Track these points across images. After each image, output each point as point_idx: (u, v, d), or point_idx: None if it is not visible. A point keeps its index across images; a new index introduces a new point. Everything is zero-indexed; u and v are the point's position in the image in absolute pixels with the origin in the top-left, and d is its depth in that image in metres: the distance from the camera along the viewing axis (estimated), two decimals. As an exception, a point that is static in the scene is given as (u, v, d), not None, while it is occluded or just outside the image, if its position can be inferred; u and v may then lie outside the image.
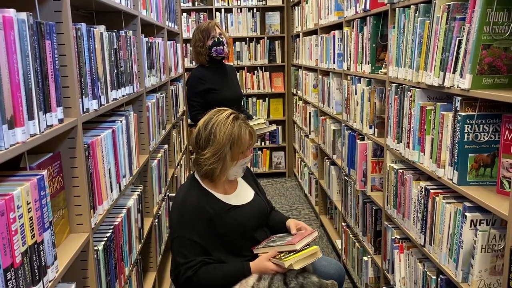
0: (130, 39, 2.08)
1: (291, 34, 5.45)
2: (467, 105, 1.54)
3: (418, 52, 1.82)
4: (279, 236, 1.94)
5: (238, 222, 1.84)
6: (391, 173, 2.19)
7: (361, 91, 2.66)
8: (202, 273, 1.73)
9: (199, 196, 1.83)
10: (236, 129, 1.81)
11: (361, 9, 2.59)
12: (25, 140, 1.01)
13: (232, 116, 1.84)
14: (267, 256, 1.77)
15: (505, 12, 1.41)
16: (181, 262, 1.75)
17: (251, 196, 1.98)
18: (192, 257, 1.74)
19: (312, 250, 1.76)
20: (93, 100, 1.52)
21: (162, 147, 3.05)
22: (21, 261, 0.97)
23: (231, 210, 1.85)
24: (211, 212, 1.80)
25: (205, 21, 3.24)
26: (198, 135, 1.85)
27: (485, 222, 1.50)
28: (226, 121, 1.81)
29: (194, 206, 1.80)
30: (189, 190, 1.87)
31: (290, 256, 1.72)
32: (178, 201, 1.85)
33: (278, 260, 1.73)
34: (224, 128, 1.80)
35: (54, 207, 1.28)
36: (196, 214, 1.78)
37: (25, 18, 1.02)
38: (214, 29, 3.11)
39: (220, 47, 3.09)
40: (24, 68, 1.01)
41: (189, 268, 1.73)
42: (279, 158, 5.73)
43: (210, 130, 1.81)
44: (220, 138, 1.79)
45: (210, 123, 1.83)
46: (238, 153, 1.84)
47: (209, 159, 1.80)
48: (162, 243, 2.91)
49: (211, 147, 1.80)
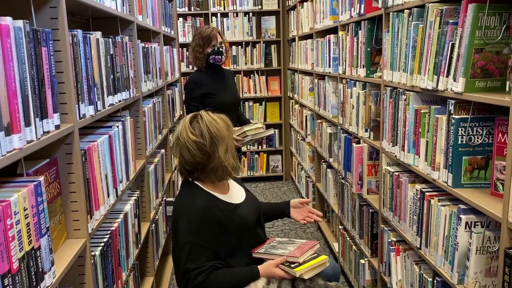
0: (126, 45, 2.09)
1: (287, 38, 5.48)
2: (460, 108, 1.56)
3: (412, 56, 1.84)
4: (279, 242, 1.95)
5: (244, 219, 1.86)
6: (387, 176, 2.20)
7: (356, 94, 2.68)
8: (213, 278, 1.72)
9: (205, 200, 1.81)
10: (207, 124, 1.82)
11: (356, 13, 2.61)
12: (22, 147, 1.02)
13: (189, 119, 1.86)
14: (275, 263, 1.77)
15: (497, 16, 1.43)
16: (191, 268, 1.71)
17: (244, 194, 2.00)
18: (202, 262, 1.72)
19: (321, 260, 1.80)
20: (90, 105, 1.53)
21: (158, 152, 3.05)
22: (18, 267, 0.97)
23: (235, 209, 1.86)
24: (219, 214, 1.79)
25: (207, 27, 3.17)
26: (202, 148, 1.80)
27: (479, 224, 1.51)
28: (208, 119, 1.83)
29: (202, 210, 1.77)
30: (193, 195, 1.84)
31: (301, 266, 1.75)
32: (184, 207, 1.81)
33: (288, 269, 1.75)
34: (216, 123, 1.82)
35: (51, 213, 1.28)
36: (204, 218, 1.76)
37: (22, 26, 1.03)
38: (216, 38, 3.10)
39: (219, 57, 3.10)
40: (20, 75, 1.02)
41: (200, 273, 1.71)
42: (276, 161, 5.74)
43: (208, 134, 1.80)
44: (223, 132, 1.82)
45: (202, 131, 1.81)
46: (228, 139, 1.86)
47: (227, 154, 1.82)
48: (159, 247, 2.91)
49: (221, 146, 1.81)
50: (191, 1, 5.35)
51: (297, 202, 2.13)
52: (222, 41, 3.14)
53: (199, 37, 3.11)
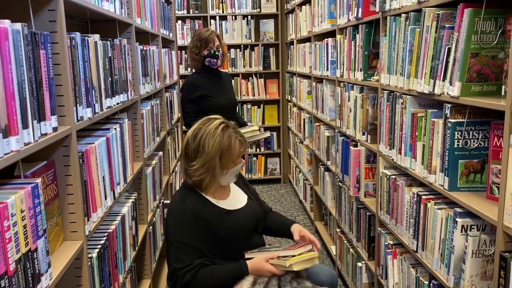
0: (125, 47, 2.10)
1: (285, 41, 5.49)
2: (457, 112, 1.57)
3: (409, 60, 1.85)
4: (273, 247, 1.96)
5: (235, 226, 1.85)
6: (384, 179, 2.21)
7: (354, 98, 2.69)
8: (200, 276, 1.73)
9: (195, 202, 1.83)
10: (226, 139, 1.79)
11: (354, 17, 2.62)
12: (20, 149, 1.02)
13: (221, 126, 1.82)
14: (265, 257, 1.76)
15: (492, 21, 1.44)
16: (178, 267, 1.73)
17: (245, 200, 1.99)
18: (189, 261, 1.74)
19: (311, 255, 1.78)
20: (88, 108, 1.53)
21: (156, 154, 3.06)
22: (15, 269, 0.97)
23: (228, 214, 1.86)
24: (208, 217, 1.80)
25: (207, 29, 3.19)
26: (188, 146, 1.84)
27: (475, 228, 1.52)
28: (215, 132, 1.79)
29: (190, 212, 1.79)
30: (184, 196, 1.86)
31: (291, 258, 1.73)
32: (174, 208, 1.85)
33: (278, 260, 1.73)
34: (213, 139, 1.78)
35: (48, 215, 1.29)
36: (192, 219, 1.78)
37: (20, 29, 1.04)
38: (214, 41, 3.12)
39: (214, 60, 3.13)
40: (18, 77, 1.03)
41: (187, 272, 1.72)
42: (274, 164, 5.74)
43: (199, 141, 1.80)
44: (209, 150, 1.78)
45: (199, 134, 1.81)
46: (229, 162, 1.83)
47: (198, 170, 1.79)
48: (157, 250, 2.91)
49: (200, 159, 1.79)
50: (190, 4, 5.36)
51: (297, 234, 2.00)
52: (220, 45, 3.15)
53: (197, 39, 3.13)
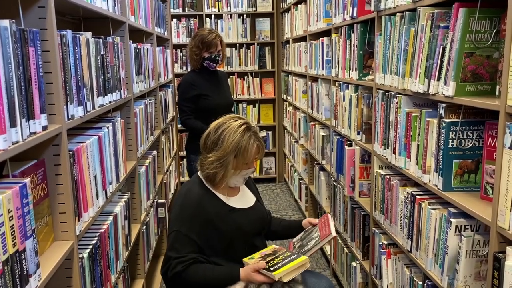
0: (118, 45, 2.07)
1: (281, 40, 5.48)
2: (451, 112, 1.56)
3: (404, 59, 1.84)
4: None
5: (239, 224, 1.85)
6: (378, 179, 2.20)
7: (349, 97, 2.68)
8: (192, 271, 1.73)
9: (201, 194, 1.85)
10: (245, 140, 1.81)
11: (349, 16, 2.61)
12: (7, 148, 1.00)
13: (244, 126, 1.84)
14: (253, 268, 1.73)
15: (487, 20, 1.44)
16: (172, 256, 1.75)
17: (252, 201, 2.00)
18: (185, 252, 1.75)
19: (301, 262, 1.73)
20: (79, 106, 1.51)
21: (150, 153, 3.04)
22: (1, 270, 0.96)
23: (232, 212, 1.87)
24: (211, 211, 1.82)
25: (211, 31, 3.14)
26: (208, 137, 1.87)
27: (469, 228, 1.51)
28: (237, 130, 1.81)
29: (195, 203, 1.82)
30: (192, 186, 1.89)
31: (280, 269, 1.69)
32: (181, 196, 1.88)
33: (268, 272, 1.70)
34: (233, 136, 1.80)
35: (38, 215, 1.27)
36: (196, 211, 1.80)
37: (8, 25, 1.02)
38: (216, 46, 3.10)
39: (213, 64, 3.14)
40: (6, 75, 1.01)
41: (180, 263, 1.73)
42: (270, 163, 5.73)
43: (219, 134, 1.82)
44: (226, 145, 1.80)
45: (221, 128, 1.83)
46: (242, 163, 1.84)
47: (213, 163, 1.81)
48: (150, 249, 2.89)
49: (217, 152, 1.81)
50: (185, 2, 5.34)
51: (307, 223, 2.04)
52: (222, 49, 3.14)
53: (200, 40, 3.09)
